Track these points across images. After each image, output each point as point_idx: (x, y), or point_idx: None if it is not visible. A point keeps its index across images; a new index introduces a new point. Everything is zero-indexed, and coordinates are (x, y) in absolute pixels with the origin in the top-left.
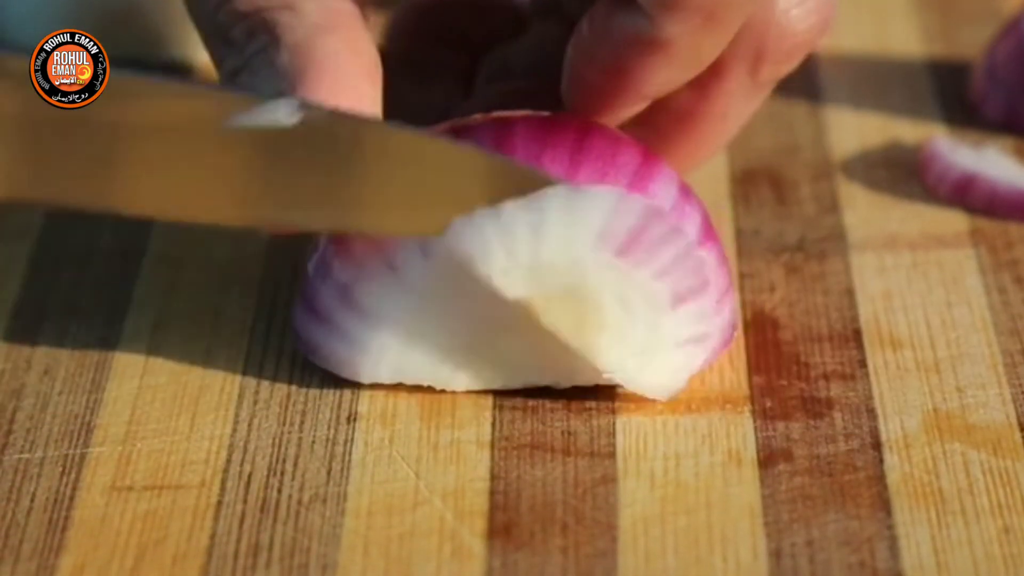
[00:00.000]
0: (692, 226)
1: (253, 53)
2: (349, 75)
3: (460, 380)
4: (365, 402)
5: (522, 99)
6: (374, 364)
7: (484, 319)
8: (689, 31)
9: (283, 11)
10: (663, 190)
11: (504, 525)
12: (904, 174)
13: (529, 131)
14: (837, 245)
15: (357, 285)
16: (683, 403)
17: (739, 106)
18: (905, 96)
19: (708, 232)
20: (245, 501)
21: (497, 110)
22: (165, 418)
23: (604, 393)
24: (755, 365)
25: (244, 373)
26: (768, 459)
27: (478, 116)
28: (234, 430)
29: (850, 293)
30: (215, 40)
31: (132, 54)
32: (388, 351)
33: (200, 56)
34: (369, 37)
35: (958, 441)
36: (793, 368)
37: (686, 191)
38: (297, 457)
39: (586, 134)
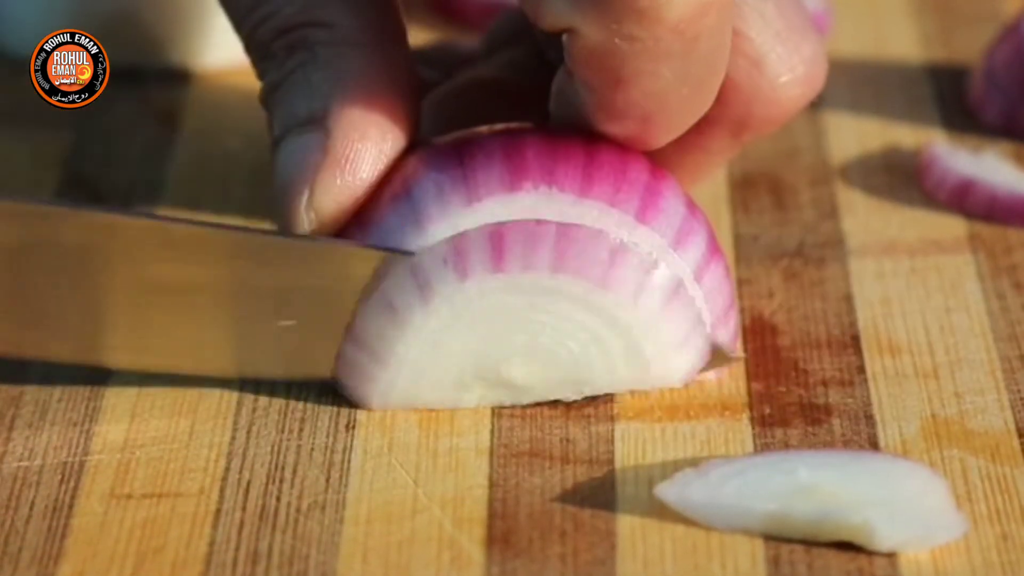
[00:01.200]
0: (700, 240)
1: (291, 69)
2: (380, 91)
3: (470, 400)
4: (364, 410)
5: (487, 87)
6: (383, 395)
7: (490, 351)
8: (633, 129)
9: (322, 28)
10: (672, 205)
11: (503, 532)
12: (903, 179)
13: (540, 145)
14: (836, 251)
15: (358, 320)
16: (681, 410)
17: (715, 159)
18: (904, 101)
19: (713, 247)
20: (244, 509)
21: (460, 98)
22: (164, 425)
23: (603, 400)
24: (753, 371)
25: (243, 380)
26: None
27: (485, 128)
28: (233, 437)
29: (849, 299)
30: (258, 54)
31: (131, 60)
32: (397, 384)
33: (199, 62)
34: (407, 53)
35: (956, 447)
36: (791, 374)
37: (692, 206)
38: (296, 464)
39: (595, 148)
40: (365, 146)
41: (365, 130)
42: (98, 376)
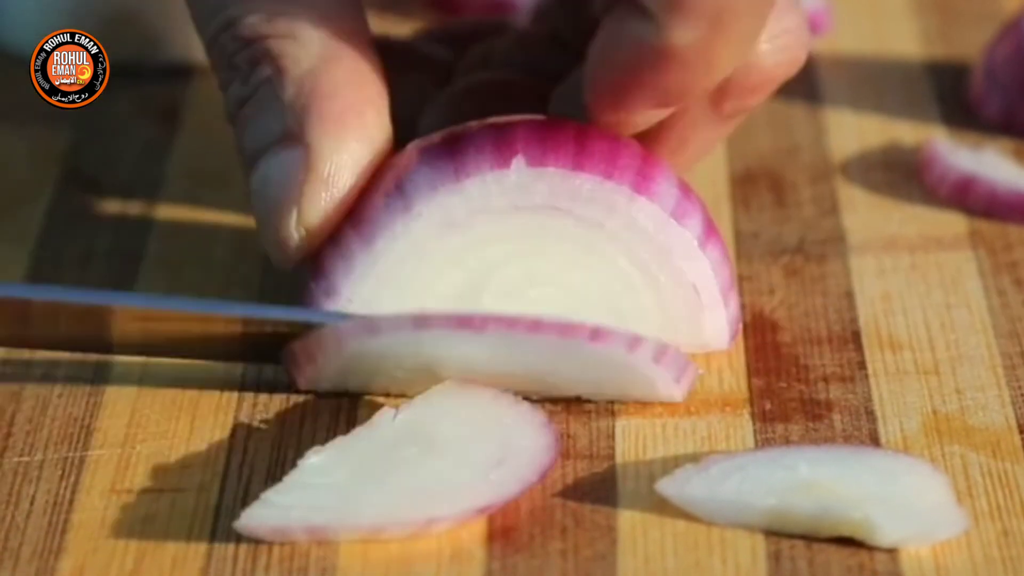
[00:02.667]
0: (694, 223)
1: (258, 84)
2: (354, 107)
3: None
4: (364, 406)
5: (496, 88)
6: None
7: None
8: (699, 38)
9: (286, 40)
10: (665, 189)
11: (503, 528)
12: (903, 176)
13: (529, 134)
14: (836, 247)
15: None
16: (682, 406)
17: (701, 135)
18: (904, 98)
19: (710, 229)
20: (244, 504)
21: (469, 99)
22: (164, 421)
23: None
24: (754, 367)
25: (243, 376)
26: None
27: (474, 123)
28: (233, 433)
29: (849, 295)
30: (219, 62)
31: (131, 56)
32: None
33: (199, 58)
34: (376, 59)
35: (957, 443)
36: (792, 370)
37: (686, 189)
38: (296, 460)
39: (585, 136)
40: (345, 158)
41: (344, 142)
42: (99, 372)
